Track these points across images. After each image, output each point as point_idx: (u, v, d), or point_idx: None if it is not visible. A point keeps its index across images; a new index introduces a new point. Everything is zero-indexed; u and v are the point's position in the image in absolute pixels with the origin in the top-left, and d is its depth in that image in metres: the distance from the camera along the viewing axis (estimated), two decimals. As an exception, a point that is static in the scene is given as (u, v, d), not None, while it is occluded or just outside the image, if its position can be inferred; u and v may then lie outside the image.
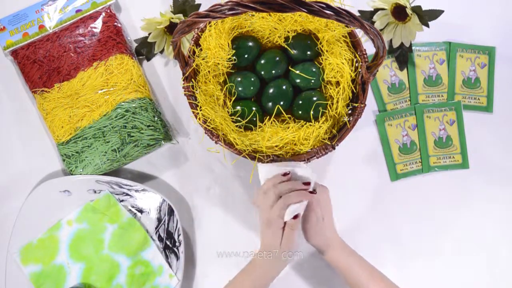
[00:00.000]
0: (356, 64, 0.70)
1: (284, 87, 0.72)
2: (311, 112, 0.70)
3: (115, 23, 0.80)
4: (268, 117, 0.72)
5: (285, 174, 0.63)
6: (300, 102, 0.71)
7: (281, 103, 0.71)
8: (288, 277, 0.76)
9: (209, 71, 0.71)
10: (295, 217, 0.61)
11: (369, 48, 0.67)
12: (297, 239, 0.63)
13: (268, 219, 0.62)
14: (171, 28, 0.78)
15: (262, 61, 0.73)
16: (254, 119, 0.71)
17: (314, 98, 0.70)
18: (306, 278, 0.76)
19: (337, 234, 0.67)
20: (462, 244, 0.77)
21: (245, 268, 0.65)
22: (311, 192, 0.61)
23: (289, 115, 0.73)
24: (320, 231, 0.65)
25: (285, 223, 0.62)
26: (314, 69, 0.72)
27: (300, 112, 0.71)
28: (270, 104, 0.72)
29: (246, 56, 0.72)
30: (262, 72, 0.73)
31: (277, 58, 0.73)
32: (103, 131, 0.75)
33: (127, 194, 0.76)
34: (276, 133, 0.69)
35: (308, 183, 0.62)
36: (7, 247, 0.73)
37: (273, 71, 0.73)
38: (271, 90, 0.72)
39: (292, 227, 0.61)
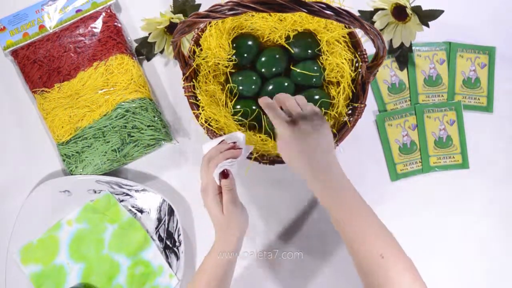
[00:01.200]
0: (356, 64, 0.70)
1: (285, 84, 0.72)
2: None
3: (115, 23, 0.80)
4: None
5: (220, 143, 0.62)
6: None
7: None
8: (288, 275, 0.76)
9: (209, 71, 0.71)
10: (225, 176, 0.58)
11: (369, 48, 0.67)
12: (241, 208, 0.60)
13: (204, 186, 0.60)
14: (171, 28, 0.78)
15: (263, 59, 0.73)
16: (255, 118, 0.71)
17: (316, 97, 0.70)
18: (308, 277, 0.76)
19: (325, 155, 0.56)
20: (462, 244, 0.77)
21: (195, 273, 0.61)
22: (236, 149, 0.59)
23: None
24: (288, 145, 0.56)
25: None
26: (315, 67, 0.72)
27: None
28: None
29: (246, 55, 0.72)
30: (263, 70, 0.73)
31: (277, 56, 0.73)
32: (103, 131, 0.75)
33: (127, 194, 0.76)
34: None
35: (234, 143, 0.61)
36: (7, 247, 0.73)
37: (274, 69, 0.73)
38: (270, 87, 0.72)
39: (227, 187, 0.59)
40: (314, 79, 0.72)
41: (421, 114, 0.80)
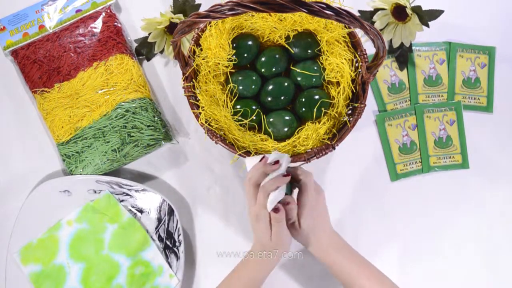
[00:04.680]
0: (356, 64, 0.70)
1: (285, 84, 0.72)
2: (314, 110, 0.70)
3: (115, 23, 0.80)
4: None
5: (262, 161, 0.62)
6: (303, 99, 0.71)
7: (281, 98, 0.71)
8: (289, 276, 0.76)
9: (209, 71, 0.71)
10: (276, 210, 0.60)
11: (369, 48, 0.67)
12: (287, 234, 0.62)
13: (256, 213, 0.61)
14: (171, 28, 0.78)
15: (263, 59, 0.73)
16: (255, 118, 0.71)
17: (316, 97, 0.70)
18: (307, 277, 0.76)
19: (325, 227, 0.65)
20: (461, 244, 0.77)
21: (235, 268, 0.65)
22: (285, 176, 0.60)
23: (291, 112, 0.72)
24: (303, 226, 0.63)
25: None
26: (315, 67, 0.72)
27: (303, 109, 0.71)
28: (269, 98, 0.72)
29: (246, 55, 0.72)
30: (263, 70, 0.73)
31: (277, 56, 0.73)
32: (103, 131, 0.75)
33: (127, 194, 0.76)
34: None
35: (277, 162, 0.61)
36: (7, 247, 0.73)
37: (273, 69, 0.73)
38: (270, 87, 0.72)
39: (277, 220, 0.60)
40: (314, 79, 0.72)
41: (421, 114, 0.80)
